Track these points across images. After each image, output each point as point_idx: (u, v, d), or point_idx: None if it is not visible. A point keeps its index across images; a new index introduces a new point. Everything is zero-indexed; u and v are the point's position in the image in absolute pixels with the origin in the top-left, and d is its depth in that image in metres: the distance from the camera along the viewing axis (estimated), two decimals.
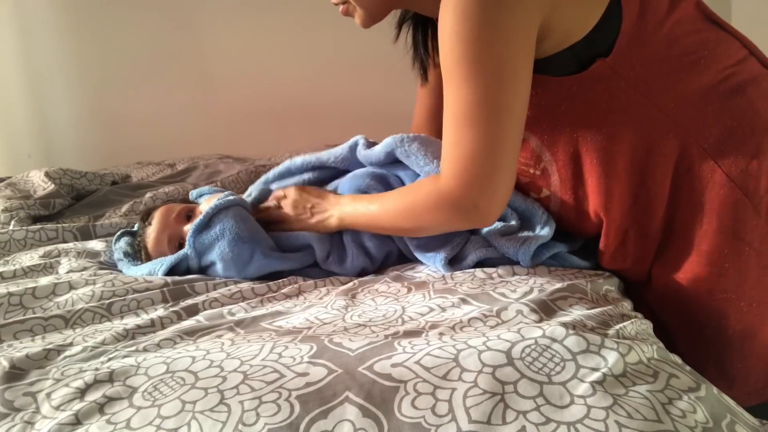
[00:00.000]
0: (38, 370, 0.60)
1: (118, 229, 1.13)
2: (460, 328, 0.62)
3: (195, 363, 0.57)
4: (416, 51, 0.89)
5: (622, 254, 0.80)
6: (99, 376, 0.56)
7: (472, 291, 0.72)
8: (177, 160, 1.86)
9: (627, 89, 0.71)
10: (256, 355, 0.57)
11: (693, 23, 0.73)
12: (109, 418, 0.50)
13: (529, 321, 0.62)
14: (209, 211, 0.88)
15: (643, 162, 0.73)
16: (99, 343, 0.65)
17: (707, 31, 0.74)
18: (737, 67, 0.73)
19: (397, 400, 0.49)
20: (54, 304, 0.77)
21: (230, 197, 0.92)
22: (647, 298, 0.82)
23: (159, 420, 0.49)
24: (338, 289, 0.80)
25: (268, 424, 0.47)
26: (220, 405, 0.50)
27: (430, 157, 0.86)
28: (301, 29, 1.98)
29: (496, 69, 0.65)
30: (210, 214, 0.87)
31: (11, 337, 0.69)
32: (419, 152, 0.87)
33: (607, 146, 0.74)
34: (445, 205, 0.72)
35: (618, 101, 0.72)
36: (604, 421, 0.46)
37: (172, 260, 0.88)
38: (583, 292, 0.70)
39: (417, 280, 0.80)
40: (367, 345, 0.57)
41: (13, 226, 1.15)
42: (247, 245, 0.86)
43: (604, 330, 0.61)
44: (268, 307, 0.75)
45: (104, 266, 0.95)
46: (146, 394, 0.53)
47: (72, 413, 0.51)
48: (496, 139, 0.67)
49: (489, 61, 0.65)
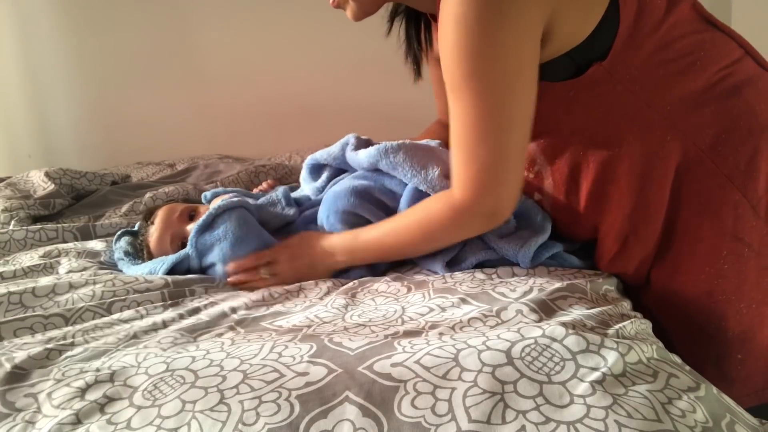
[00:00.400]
0: (39, 370, 0.60)
1: (118, 229, 1.13)
2: (460, 328, 0.62)
3: (195, 362, 0.57)
4: (409, 45, 0.89)
5: (622, 259, 0.80)
6: (100, 376, 0.56)
7: (472, 291, 0.72)
8: (177, 160, 1.86)
9: (623, 93, 0.71)
10: (256, 354, 0.57)
11: (689, 24, 0.73)
12: (109, 418, 0.50)
13: (529, 321, 0.62)
14: (212, 211, 0.88)
15: (643, 166, 0.73)
16: (100, 343, 0.65)
17: (703, 32, 0.74)
18: (733, 68, 0.73)
19: (396, 399, 0.49)
20: (54, 304, 0.77)
21: (235, 199, 0.92)
22: (645, 301, 0.82)
23: (159, 420, 0.49)
24: (338, 289, 0.80)
25: (268, 424, 0.47)
26: (220, 404, 0.50)
27: (417, 168, 0.85)
28: (300, 29, 1.98)
29: (503, 82, 0.65)
30: (213, 214, 0.87)
31: (11, 335, 0.70)
32: (405, 163, 0.86)
33: (605, 151, 0.74)
34: (464, 218, 0.74)
35: (615, 105, 0.72)
36: (604, 420, 0.46)
37: (174, 259, 0.88)
38: (583, 292, 0.70)
39: (417, 280, 0.80)
40: (367, 345, 0.57)
41: (13, 226, 1.15)
42: (249, 248, 0.85)
43: (604, 329, 0.61)
44: (268, 307, 0.75)
45: (104, 266, 0.95)
46: (146, 393, 0.53)
47: (72, 412, 0.51)
48: (508, 148, 0.68)
49: (495, 75, 0.64)
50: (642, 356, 0.54)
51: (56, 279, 0.84)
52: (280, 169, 1.55)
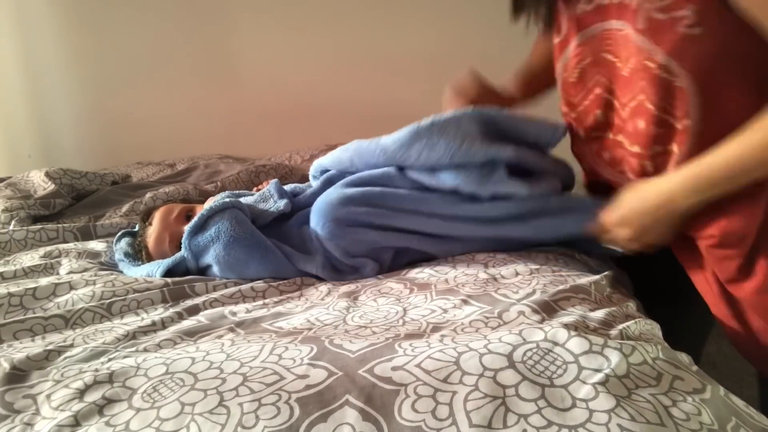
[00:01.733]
0: (39, 371, 0.59)
1: (119, 229, 1.13)
2: (462, 330, 0.61)
3: (195, 364, 0.56)
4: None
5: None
6: (99, 377, 0.56)
7: (474, 292, 0.71)
8: (177, 160, 1.85)
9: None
10: (256, 356, 0.57)
11: None
12: (108, 420, 0.50)
13: (531, 322, 0.62)
14: (204, 213, 0.87)
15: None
16: (99, 343, 0.65)
17: None
18: None
19: (397, 403, 0.48)
20: (54, 305, 0.77)
21: (227, 200, 0.91)
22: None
23: (158, 422, 0.49)
24: (339, 291, 0.79)
25: (268, 427, 0.47)
26: (220, 407, 0.49)
27: (456, 141, 0.82)
28: (301, 29, 1.97)
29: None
30: (205, 216, 0.87)
31: (11, 337, 0.69)
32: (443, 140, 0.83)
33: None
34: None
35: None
36: (607, 425, 0.46)
37: (169, 263, 0.87)
38: (587, 293, 0.70)
39: (419, 281, 0.79)
40: (368, 347, 0.57)
41: (13, 226, 1.15)
42: (242, 248, 0.85)
43: (607, 330, 0.60)
44: (269, 308, 0.75)
45: (105, 267, 0.95)
46: (145, 396, 0.53)
47: (71, 414, 0.51)
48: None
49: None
50: (647, 357, 0.54)
51: (57, 279, 0.83)
52: (280, 168, 1.55)
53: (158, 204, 1.21)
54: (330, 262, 0.87)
